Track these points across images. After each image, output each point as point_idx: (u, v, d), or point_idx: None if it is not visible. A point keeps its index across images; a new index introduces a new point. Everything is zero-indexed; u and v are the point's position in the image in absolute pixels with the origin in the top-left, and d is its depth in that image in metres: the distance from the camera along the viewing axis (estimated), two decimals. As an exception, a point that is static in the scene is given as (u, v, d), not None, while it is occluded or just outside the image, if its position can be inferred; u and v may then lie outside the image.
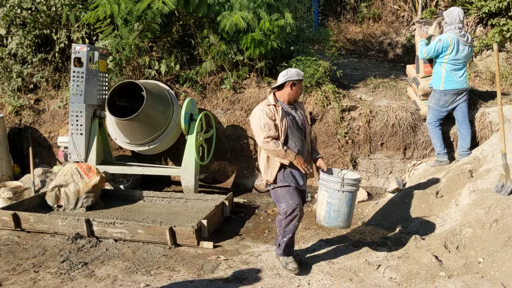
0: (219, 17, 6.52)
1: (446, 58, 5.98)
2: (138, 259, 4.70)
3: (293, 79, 4.20)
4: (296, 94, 4.31)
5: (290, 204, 4.16)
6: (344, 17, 10.82)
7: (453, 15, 5.98)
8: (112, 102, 6.27)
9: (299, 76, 4.24)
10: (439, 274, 4.09)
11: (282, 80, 4.21)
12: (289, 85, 4.22)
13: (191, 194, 6.18)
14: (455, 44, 5.92)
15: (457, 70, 6.00)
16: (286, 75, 4.21)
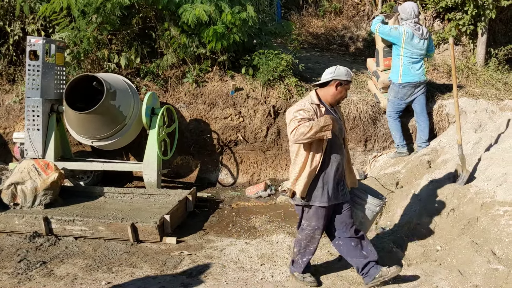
0: (181, 10, 6.43)
1: (402, 51, 6.10)
2: (99, 256, 4.61)
3: (340, 78, 3.71)
4: (340, 96, 3.81)
5: (313, 226, 3.83)
6: (306, 10, 10.87)
7: (408, 10, 6.11)
8: (71, 96, 6.09)
9: (348, 76, 3.75)
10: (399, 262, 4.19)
11: (328, 78, 3.73)
12: (335, 85, 3.72)
13: (154, 189, 6.10)
14: (408, 37, 6.06)
15: (415, 63, 6.15)
16: (333, 72, 3.72)
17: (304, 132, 3.48)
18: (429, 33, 6.30)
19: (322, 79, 3.78)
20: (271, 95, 6.99)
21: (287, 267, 4.26)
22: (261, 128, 6.91)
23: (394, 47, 6.25)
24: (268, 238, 4.99)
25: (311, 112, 3.62)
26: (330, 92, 3.75)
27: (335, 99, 3.79)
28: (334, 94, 3.75)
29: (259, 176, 7.06)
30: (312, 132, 3.47)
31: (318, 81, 3.83)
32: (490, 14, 7.69)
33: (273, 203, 6.27)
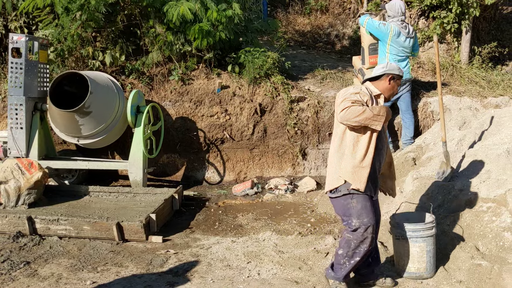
0: (166, 7, 6.39)
1: (388, 48, 6.14)
2: (84, 256, 4.57)
3: (393, 72, 3.64)
4: (392, 91, 3.69)
5: (365, 222, 3.52)
6: (292, 8, 10.88)
7: (395, 8, 6.15)
8: (55, 94, 6.03)
9: (400, 71, 3.68)
10: (383, 259, 4.22)
11: (380, 72, 3.65)
12: (388, 79, 3.63)
13: (140, 188, 6.06)
14: (395, 34, 6.09)
15: (400, 61, 6.18)
16: (385, 67, 3.66)
17: (355, 114, 3.34)
18: (415, 32, 6.34)
19: (374, 73, 3.69)
20: (258, 93, 6.98)
21: (273, 264, 4.26)
22: (248, 126, 6.90)
23: (380, 44, 6.28)
24: (255, 236, 5.00)
25: (366, 98, 3.51)
26: (384, 86, 3.65)
27: (390, 94, 3.70)
28: (387, 88, 3.66)
29: (245, 174, 7.05)
30: (363, 117, 3.35)
31: (370, 76, 3.71)
32: (474, 12, 7.76)
33: (260, 201, 6.27)
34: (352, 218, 3.54)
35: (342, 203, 3.58)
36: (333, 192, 3.60)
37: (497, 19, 9.26)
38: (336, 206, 3.68)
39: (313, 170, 7.01)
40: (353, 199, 3.53)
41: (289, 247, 4.64)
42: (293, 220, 5.54)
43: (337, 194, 3.57)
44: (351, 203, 3.54)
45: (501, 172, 4.64)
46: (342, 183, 3.52)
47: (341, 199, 3.57)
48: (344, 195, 3.55)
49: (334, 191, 3.59)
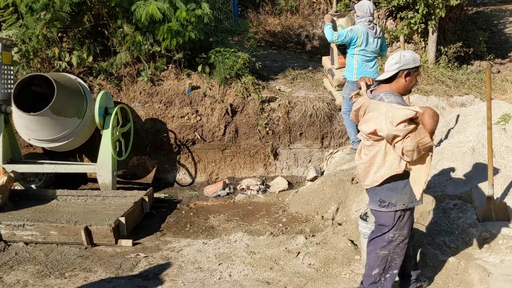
0: (134, 7, 6.30)
1: (357, 50, 6.19)
2: (51, 261, 4.46)
3: (408, 67, 3.16)
4: (412, 85, 3.28)
5: (404, 234, 3.30)
6: (263, 8, 10.90)
7: (364, 8, 6.19)
8: (20, 96, 5.86)
9: (416, 62, 3.19)
10: (354, 257, 4.26)
11: (395, 69, 3.16)
12: (403, 76, 3.18)
13: (109, 191, 5.95)
14: (364, 37, 6.15)
15: (368, 62, 6.24)
16: (399, 61, 3.15)
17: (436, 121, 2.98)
18: (382, 32, 6.42)
19: (387, 71, 3.22)
20: (228, 94, 6.96)
21: (245, 266, 4.25)
22: (219, 126, 6.87)
23: (350, 46, 6.31)
24: (226, 237, 4.97)
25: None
26: (401, 85, 3.22)
27: (407, 90, 3.29)
28: (405, 86, 3.23)
29: (217, 175, 7.02)
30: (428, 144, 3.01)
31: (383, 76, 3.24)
32: (440, 13, 7.93)
33: (231, 202, 6.24)
34: (393, 231, 3.27)
35: (392, 216, 3.26)
36: (385, 206, 3.25)
37: (462, 20, 9.50)
38: (382, 218, 3.31)
39: (285, 170, 7.04)
40: (406, 212, 3.27)
41: (261, 248, 4.64)
42: (265, 221, 5.54)
43: (390, 209, 3.25)
44: (402, 217, 3.26)
45: (467, 170, 4.75)
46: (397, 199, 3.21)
47: (392, 213, 3.25)
48: (399, 210, 3.24)
49: (386, 204, 3.25)
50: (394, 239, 3.29)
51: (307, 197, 5.82)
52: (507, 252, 3.88)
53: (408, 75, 3.18)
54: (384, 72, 3.24)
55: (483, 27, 10.55)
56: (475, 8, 11.94)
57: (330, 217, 5.29)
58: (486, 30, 10.17)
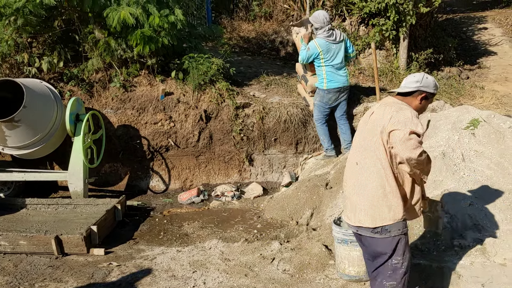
0: (106, 12, 6.21)
1: (322, 61, 6.26)
2: (20, 272, 4.36)
3: (427, 90, 3.07)
4: (422, 112, 3.17)
5: (408, 257, 3.11)
6: (237, 14, 10.90)
7: (320, 19, 6.22)
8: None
9: (435, 89, 3.11)
10: (328, 262, 4.28)
11: (413, 87, 3.07)
12: (420, 97, 3.07)
13: (80, 199, 5.85)
14: (324, 48, 6.19)
15: (338, 69, 6.30)
16: (420, 81, 3.06)
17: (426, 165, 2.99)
18: (343, 35, 6.45)
19: (404, 86, 3.12)
20: (203, 100, 6.92)
21: (219, 273, 4.22)
22: (193, 133, 6.82)
23: (315, 60, 6.33)
24: (201, 244, 4.93)
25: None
26: (414, 105, 3.08)
27: (419, 113, 3.12)
28: (417, 108, 3.08)
29: (191, 181, 6.96)
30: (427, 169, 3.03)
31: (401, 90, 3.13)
32: (410, 20, 8.08)
33: (206, 209, 6.20)
34: (397, 257, 3.07)
35: (390, 241, 3.06)
36: (378, 232, 3.05)
37: (432, 27, 9.69)
38: (381, 245, 3.09)
39: (260, 176, 7.03)
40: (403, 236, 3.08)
41: (236, 254, 4.62)
42: (240, 227, 5.52)
43: (385, 235, 3.05)
44: (401, 241, 3.07)
45: (437, 174, 4.83)
46: (391, 223, 3.02)
47: (390, 239, 3.06)
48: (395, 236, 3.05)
49: (380, 230, 3.04)
50: (399, 265, 3.08)
51: (281, 202, 5.82)
52: (476, 255, 3.95)
53: (425, 98, 3.09)
54: (401, 86, 3.16)
55: (453, 34, 10.81)
56: (445, 15, 12.23)
57: (305, 223, 5.30)
58: (455, 37, 10.42)
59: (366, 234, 3.09)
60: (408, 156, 2.84)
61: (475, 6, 14.79)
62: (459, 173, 4.82)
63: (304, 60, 6.37)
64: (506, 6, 13.93)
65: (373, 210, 3.01)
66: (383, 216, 2.99)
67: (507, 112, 6.97)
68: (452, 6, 14.36)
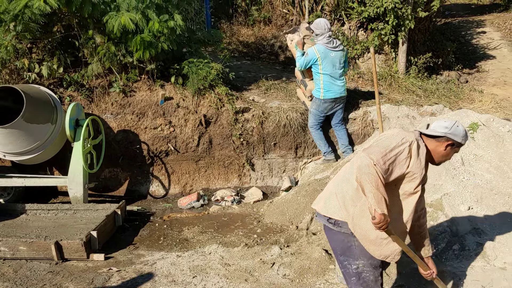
0: (106, 17, 6.23)
1: (321, 68, 6.28)
2: (20, 278, 4.35)
3: (455, 139, 2.90)
4: (443, 160, 2.99)
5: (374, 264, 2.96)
6: (236, 19, 10.94)
7: (321, 25, 6.31)
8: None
9: (464, 140, 2.93)
10: (329, 267, 4.28)
11: (441, 132, 2.89)
12: (446, 144, 2.91)
13: (80, 204, 5.85)
14: (322, 53, 6.24)
15: (336, 79, 6.34)
16: (449, 128, 2.89)
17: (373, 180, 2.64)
18: (345, 48, 6.52)
19: (433, 129, 2.94)
20: (202, 104, 6.94)
21: (219, 278, 4.21)
22: (193, 137, 6.83)
23: (313, 66, 6.38)
24: (201, 249, 4.93)
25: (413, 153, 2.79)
26: (438, 151, 2.92)
27: (439, 161, 2.98)
28: (441, 154, 2.93)
29: (191, 186, 6.97)
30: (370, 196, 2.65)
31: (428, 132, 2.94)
32: (409, 25, 8.11)
33: (206, 214, 6.20)
34: (355, 260, 2.95)
35: (342, 239, 2.96)
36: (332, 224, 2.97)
37: (431, 31, 9.73)
38: (333, 240, 3.03)
39: (259, 181, 7.03)
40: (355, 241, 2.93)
41: (236, 259, 4.61)
42: (240, 232, 5.51)
43: (337, 229, 2.95)
44: (354, 245, 2.93)
45: (437, 178, 4.84)
46: (339, 219, 2.93)
47: (341, 236, 2.96)
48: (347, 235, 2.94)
49: (333, 222, 2.96)
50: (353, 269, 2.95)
51: (281, 207, 5.83)
52: (476, 259, 3.96)
53: (451, 146, 2.92)
54: (430, 128, 2.98)
55: (452, 38, 10.84)
56: (443, 20, 12.26)
57: (305, 227, 5.30)
58: (454, 41, 10.45)
59: (323, 221, 3.03)
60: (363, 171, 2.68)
61: (473, 10, 14.84)
62: (458, 177, 4.83)
63: (302, 67, 6.41)
64: (504, 10, 13.99)
65: (331, 199, 2.97)
66: (334, 209, 2.93)
67: (506, 116, 6.99)
68: (451, 10, 14.41)
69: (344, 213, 2.89)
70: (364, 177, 2.64)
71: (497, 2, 15.33)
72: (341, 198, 2.92)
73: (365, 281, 2.94)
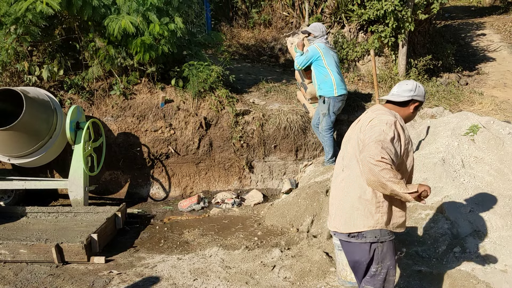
0: (106, 21, 6.23)
1: (325, 62, 6.26)
2: (21, 281, 4.35)
3: (420, 99, 3.07)
4: (410, 119, 3.18)
5: (389, 265, 3.03)
6: (236, 22, 10.95)
7: (318, 28, 6.41)
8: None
9: (424, 98, 3.14)
10: (329, 270, 4.27)
11: (408, 96, 3.04)
12: (413, 106, 3.08)
13: (80, 207, 5.85)
14: (323, 49, 6.27)
15: (340, 75, 6.34)
16: (413, 90, 3.05)
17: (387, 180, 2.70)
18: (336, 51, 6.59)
19: (397, 94, 3.08)
20: (202, 107, 6.94)
21: (220, 281, 4.21)
22: (193, 140, 6.83)
23: (316, 63, 6.30)
24: (201, 252, 4.92)
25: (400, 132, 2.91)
26: (407, 113, 3.09)
27: (409, 121, 3.17)
28: (409, 116, 3.11)
29: (192, 189, 6.97)
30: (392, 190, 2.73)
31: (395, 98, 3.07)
32: (409, 27, 8.12)
33: (206, 216, 6.20)
34: (375, 264, 3.01)
35: (367, 248, 2.98)
36: (354, 237, 3.00)
37: (431, 33, 9.74)
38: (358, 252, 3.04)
39: (260, 183, 7.03)
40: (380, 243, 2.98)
41: (236, 262, 4.61)
42: (240, 234, 5.51)
43: (361, 240, 2.98)
44: (378, 249, 2.98)
45: (438, 180, 4.84)
46: (364, 230, 2.96)
47: (366, 245, 2.98)
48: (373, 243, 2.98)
49: (356, 235, 2.98)
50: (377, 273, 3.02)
51: (282, 209, 5.82)
52: (477, 261, 3.95)
53: (416, 108, 3.10)
54: (393, 94, 3.10)
55: (451, 40, 10.86)
56: (443, 22, 12.28)
57: (305, 230, 5.30)
58: (454, 43, 10.46)
59: (343, 238, 3.07)
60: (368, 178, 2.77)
61: (473, 13, 14.86)
62: (459, 180, 4.83)
63: (301, 65, 6.39)
64: (504, 12, 14.01)
65: (347, 216, 2.98)
66: (356, 223, 2.94)
67: (506, 118, 7.00)
68: (451, 13, 14.43)
69: (371, 221, 2.93)
70: (380, 177, 2.69)
71: (496, 5, 15.35)
72: (363, 208, 2.94)
73: (379, 281, 3.02)
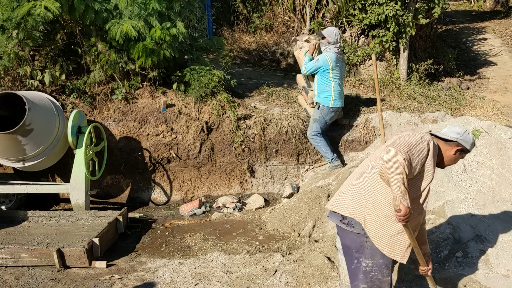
0: (108, 25, 6.25)
1: (331, 75, 6.30)
2: (22, 285, 4.35)
3: (465, 146, 3.05)
4: (452, 163, 3.14)
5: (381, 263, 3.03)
6: (237, 26, 10.98)
7: (334, 34, 6.35)
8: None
9: (472, 147, 3.10)
10: (331, 274, 4.26)
11: (453, 137, 3.03)
12: (456, 149, 3.04)
13: (82, 211, 5.85)
14: (333, 61, 6.28)
15: (341, 87, 6.39)
16: (460, 134, 3.04)
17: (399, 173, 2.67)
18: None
19: (444, 133, 3.08)
20: (204, 111, 6.95)
21: (222, 285, 4.20)
22: (194, 144, 6.84)
23: (322, 73, 6.38)
24: (203, 256, 4.92)
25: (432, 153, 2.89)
26: (447, 154, 3.05)
27: (447, 164, 3.12)
28: (450, 158, 3.07)
29: (193, 193, 6.97)
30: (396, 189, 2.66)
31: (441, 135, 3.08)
32: (410, 31, 8.13)
33: (208, 221, 6.19)
34: (365, 259, 3.01)
35: (354, 238, 3.03)
36: (345, 224, 3.05)
37: (432, 38, 9.76)
38: (348, 239, 3.08)
39: (261, 187, 7.03)
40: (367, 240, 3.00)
41: (238, 267, 4.60)
42: (242, 239, 5.50)
43: (349, 229, 3.03)
44: (367, 244, 3.00)
45: (439, 185, 4.83)
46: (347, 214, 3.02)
47: (353, 235, 3.04)
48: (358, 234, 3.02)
49: (346, 222, 3.05)
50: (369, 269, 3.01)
51: (283, 214, 5.82)
52: (479, 266, 3.94)
53: (460, 152, 3.07)
54: (441, 132, 3.11)
55: (453, 45, 10.87)
56: (444, 26, 12.30)
57: (307, 234, 5.29)
58: (455, 47, 10.47)
59: (336, 222, 3.12)
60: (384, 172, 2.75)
61: (474, 17, 14.89)
62: (460, 184, 4.83)
63: (310, 71, 6.41)
64: (504, 17, 14.03)
65: (345, 195, 3.08)
66: (344, 205, 3.03)
67: (507, 123, 7.00)
68: (452, 17, 14.46)
69: (353, 208, 2.97)
70: (391, 170, 2.68)
71: (497, 9, 15.39)
72: (356, 192, 3.01)
73: (372, 280, 3.01)
